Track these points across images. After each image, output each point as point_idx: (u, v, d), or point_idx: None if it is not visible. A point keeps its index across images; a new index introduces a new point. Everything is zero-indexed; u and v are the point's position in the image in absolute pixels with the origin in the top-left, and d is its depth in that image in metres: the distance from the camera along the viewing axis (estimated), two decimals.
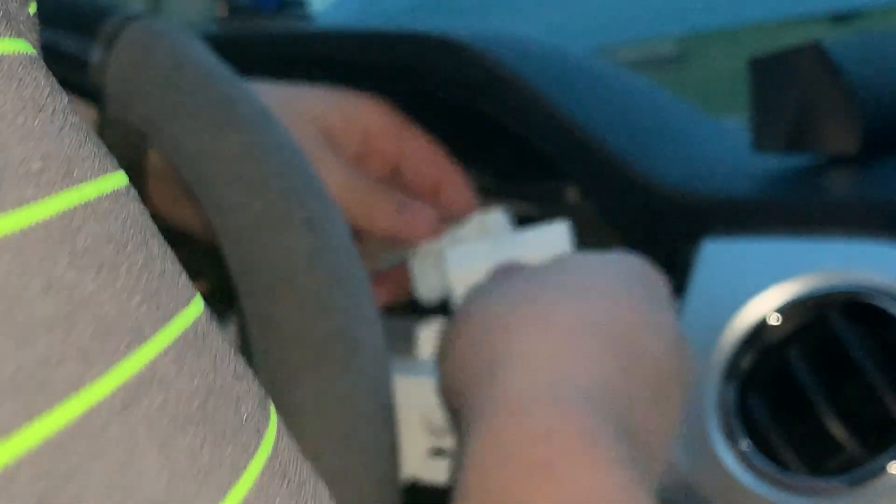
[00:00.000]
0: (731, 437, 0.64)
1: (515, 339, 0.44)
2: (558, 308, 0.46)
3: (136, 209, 0.24)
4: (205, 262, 0.56)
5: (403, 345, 0.70)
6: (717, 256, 0.69)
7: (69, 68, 0.38)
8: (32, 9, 0.25)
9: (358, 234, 0.64)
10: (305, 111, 0.65)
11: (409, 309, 0.71)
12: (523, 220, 0.73)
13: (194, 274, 0.98)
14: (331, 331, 0.34)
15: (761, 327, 0.66)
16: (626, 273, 0.54)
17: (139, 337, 0.23)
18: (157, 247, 0.25)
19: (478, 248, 0.66)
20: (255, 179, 0.35)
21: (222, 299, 0.83)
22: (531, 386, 0.41)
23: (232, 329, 0.74)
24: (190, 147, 0.36)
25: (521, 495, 0.37)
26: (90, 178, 0.23)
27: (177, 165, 0.36)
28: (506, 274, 0.57)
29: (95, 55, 0.37)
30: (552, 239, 0.66)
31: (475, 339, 0.45)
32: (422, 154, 0.73)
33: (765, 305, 0.66)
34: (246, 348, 0.34)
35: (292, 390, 0.33)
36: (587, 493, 0.38)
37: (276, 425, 0.26)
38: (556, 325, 0.45)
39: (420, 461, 0.65)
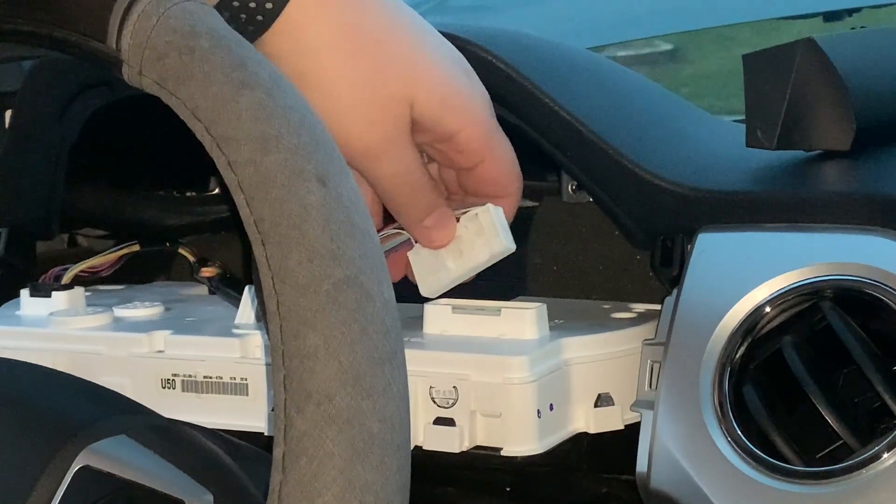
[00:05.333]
0: (726, 426, 0.65)
1: None
2: None
3: None
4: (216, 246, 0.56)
5: (409, 323, 0.72)
6: (712, 248, 0.70)
7: (84, 35, 0.39)
8: None
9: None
10: (400, 95, 0.62)
11: (416, 296, 0.71)
12: (520, 214, 0.74)
13: (207, 259, 0.97)
14: (342, 278, 0.35)
15: (756, 318, 0.67)
16: None
17: None
18: None
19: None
20: (267, 137, 0.36)
21: (233, 280, 0.84)
22: None
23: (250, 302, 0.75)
24: (204, 108, 0.37)
25: None
26: None
27: (191, 126, 0.37)
28: None
29: (110, 22, 0.39)
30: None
31: None
32: (491, 177, 0.68)
33: (759, 296, 0.67)
34: (261, 300, 0.35)
35: (305, 335, 0.34)
36: None
37: None
38: None
39: (423, 430, 0.67)
